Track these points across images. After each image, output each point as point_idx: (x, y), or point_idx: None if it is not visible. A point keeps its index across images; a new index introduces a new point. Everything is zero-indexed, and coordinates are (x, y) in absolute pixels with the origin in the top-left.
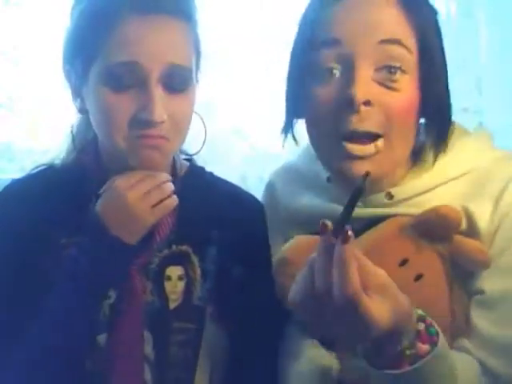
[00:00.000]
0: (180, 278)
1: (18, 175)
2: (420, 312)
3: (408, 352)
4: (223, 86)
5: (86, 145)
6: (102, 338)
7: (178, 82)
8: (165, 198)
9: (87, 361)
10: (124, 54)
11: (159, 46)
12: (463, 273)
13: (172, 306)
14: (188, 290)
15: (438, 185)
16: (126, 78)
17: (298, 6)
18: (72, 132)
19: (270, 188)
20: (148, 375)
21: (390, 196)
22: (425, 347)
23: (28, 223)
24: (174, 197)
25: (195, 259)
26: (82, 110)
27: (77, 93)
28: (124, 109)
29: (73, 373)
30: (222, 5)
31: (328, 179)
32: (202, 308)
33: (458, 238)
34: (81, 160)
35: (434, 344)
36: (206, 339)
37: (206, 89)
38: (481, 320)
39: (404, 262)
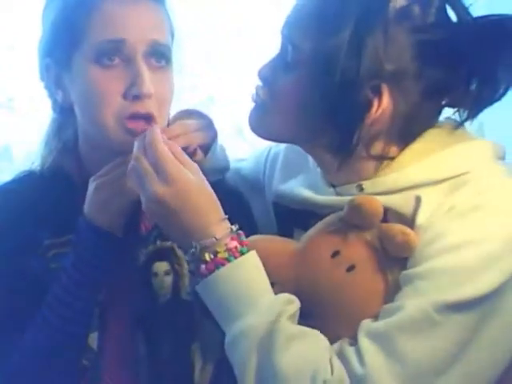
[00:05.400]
0: (167, 274)
1: None
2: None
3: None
4: (224, 84)
5: (63, 148)
6: (92, 337)
7: (160, 58)
8: None
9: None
10: (110, 31)
11: (143, 23)
12: (399, 261)
13: (161, 301)
14: (176, 285)
15: (415, 186)
16: (114, 56)
17: None
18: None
19: (274, 158)
20: (141, 372)
21: (361, 188)
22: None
23: (10, 226)
24: None
25: (181, 254)
26: (62, 107)
27: (58, 84)
28: (114, 84)
29: (70, 371)
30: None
31: None
32: (191, 302)
33: (384, 224)
34: (60, 164)
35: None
36: (199, 333)
37: (206, 87)
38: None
39: (335, 254)
